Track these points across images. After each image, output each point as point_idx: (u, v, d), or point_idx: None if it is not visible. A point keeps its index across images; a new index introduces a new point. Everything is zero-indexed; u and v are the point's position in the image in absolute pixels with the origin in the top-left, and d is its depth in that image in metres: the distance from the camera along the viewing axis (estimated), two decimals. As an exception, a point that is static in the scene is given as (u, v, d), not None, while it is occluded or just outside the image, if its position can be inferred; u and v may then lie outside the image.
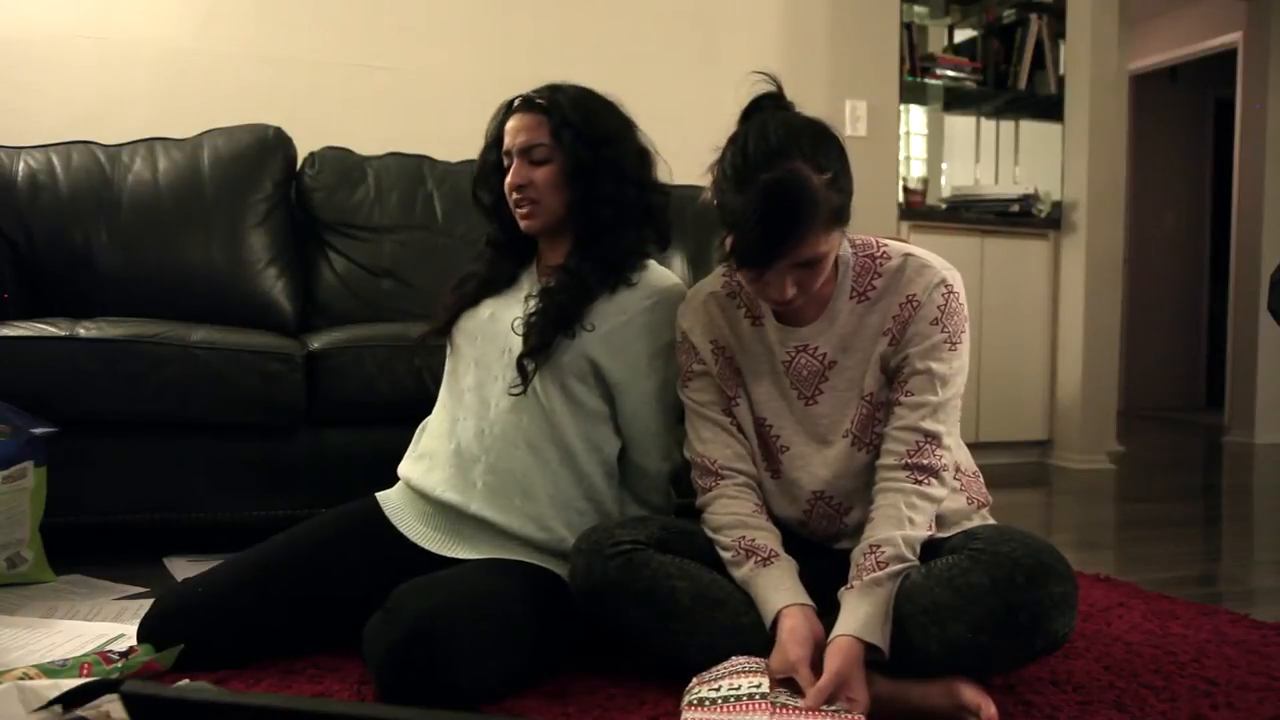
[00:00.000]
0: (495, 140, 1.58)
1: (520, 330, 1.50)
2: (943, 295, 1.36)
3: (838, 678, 1.18)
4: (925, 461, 1.32)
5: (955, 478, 1.41)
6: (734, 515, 1.41)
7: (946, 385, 1.35)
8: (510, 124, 1.54)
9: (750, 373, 1.45)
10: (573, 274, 1.52)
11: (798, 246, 1.26)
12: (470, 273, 1.65)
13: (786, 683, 1.21)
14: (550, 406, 1.50)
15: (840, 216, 1.31)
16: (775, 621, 1.28)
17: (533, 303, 1.52)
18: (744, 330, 1.46)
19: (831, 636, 1.24)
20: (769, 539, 1.38)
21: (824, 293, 1.40)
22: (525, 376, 1.47)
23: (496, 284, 1.61)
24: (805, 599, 1.30)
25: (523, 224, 1.54)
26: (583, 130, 1.51)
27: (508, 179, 1.53)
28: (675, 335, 1.51)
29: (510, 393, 1.49)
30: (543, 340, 1.48)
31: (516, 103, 1.56)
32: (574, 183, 1.51)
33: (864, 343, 1.39)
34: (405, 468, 1.61)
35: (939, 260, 1.40)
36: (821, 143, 1.30)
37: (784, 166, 1.25)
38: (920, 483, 1.32)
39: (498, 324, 1.55)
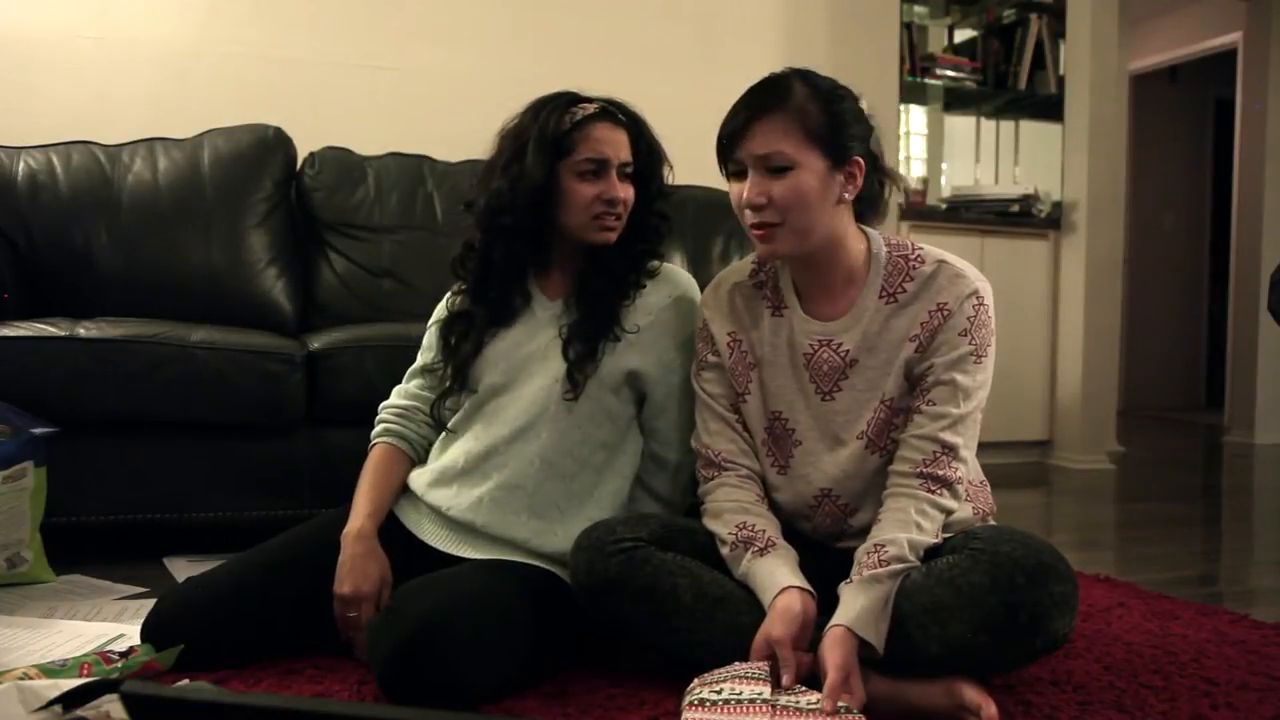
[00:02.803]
0: (559, 143, 1.48)
1: (565, 337, 1.50)
2: (973, 307, 1.36)
3: (843, 670, 1.18)
4: (940, 472, 1.32)
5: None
6: (735, 501, 1.41)
7: (969, 398, 1.35)
8: (602, 134, 1.49)
9: (769, 364, 1.45)
10: (609, 277, 1.53)
11: (756, 125, 1.32)
12: (457, 315, 1.59)
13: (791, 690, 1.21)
14: (575, 421, 1.49)
15: (822, 141, 1.32)
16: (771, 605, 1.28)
17: (572, 312, 1.53)
18: (765, 321, 1.46)
19: (827, 627, 1.24)
20: (768, 526, 1.38)
21: (851, 288, 1.40)
22: (577, 384, 1.48)
23: (505, 316, 1.57)
24: (802, 583, 1.30)
25: (600, 236, 1.51)
26: (656, 150, 1.56)
27: (607, 192, 1.49)
28: (698, 322, 1.52)
29: (564, 398, 1.48)
30: (590, 347, 1.49)
31: (594, 109, 1.50)
32: (641, 204, 1.55)
33: (889, 345, 1.38)
34: (414, 479, 1.58)
35: (973, 270, 1.40)
36: (829, 81, 1.37)
37: (775, 74, 1.37)
38: (933, 492, 1.32)
39: (521, 351, 1.54)
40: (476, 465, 1.50)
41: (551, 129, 1.49)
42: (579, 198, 1.49)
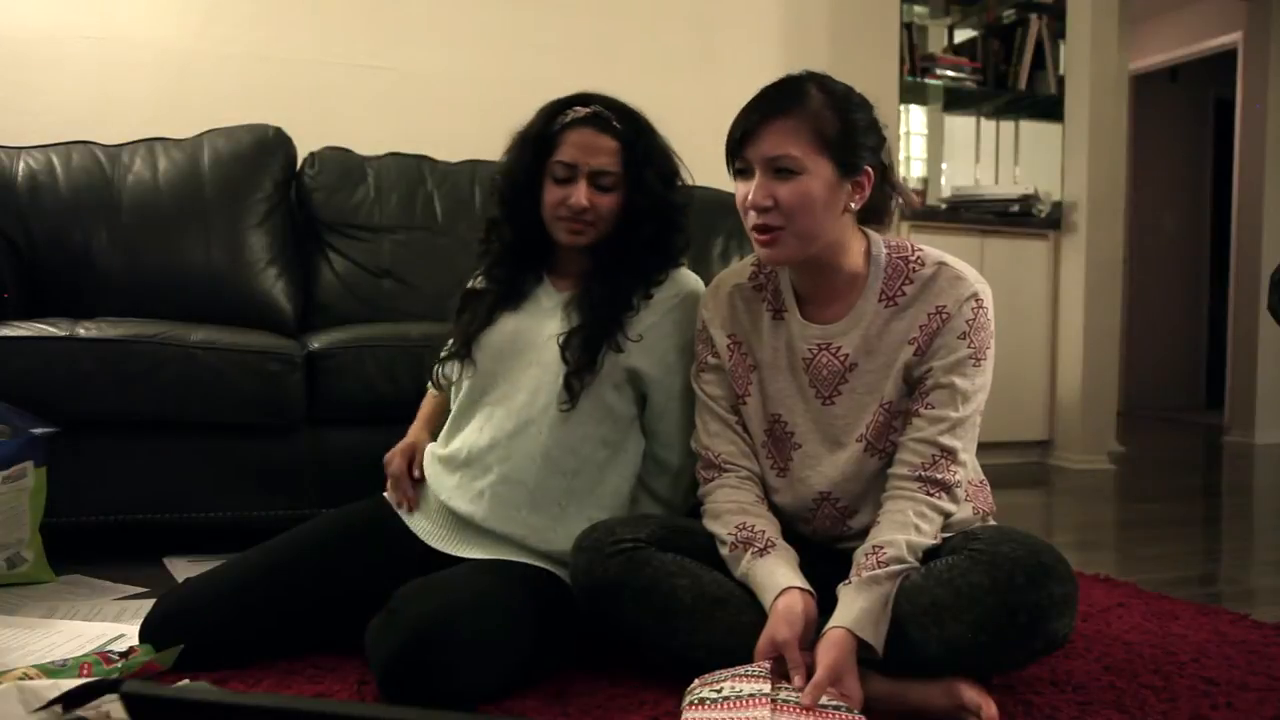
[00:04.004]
0: (544, 142, 1.51)
1: (562, 343, 1.49)
2: (972, 310, 1.36)
3: (832, 671, 1.18)
4: (939, 476, 1.32)
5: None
6: (735, 502, 1.41)
7: (968, 401, 1.35)
8: (580, 139, 1.49)
9: (769, 367, 1.45)
10: (613, 286, 1.51)
11: (768, 127, 1.31)
12: (473, 291, 1.63)
13: (783, 675, 1.21)
14: (577, 418, 1.49)
15: (832, 149, 1.31)
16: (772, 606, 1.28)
17: (574, 316, 1.51)
18: (765, 325, 1.46)
19: (825, 629, 1.24)
20: (768, 527, 1.38)
21: (852, 291, 1.40)
22: (574, 393, 1.47)
23: (512, 299, 1.58)
24: (802, 583, 1.30)
25: (567, 239, 1.52)
26: (662, 171, 1.53)
27: (571, 197, 1.48)
28: (697, 324, 1.52)
29: (560, 408, 1.48)
30: (590, 356, 1.48)
31: (583, 114, 1.50)
32: (632, 216, 1.51)
33: (887, 348, 1.38)
34: (426, 462, 1.60)
35: (972, 272, 1.39)
36: (843, 87, 1.36)
37: (791, 75, 1.36)
38: (932, 495, 1.32)
39: (522, 339, 1.54)
40: (479, 457, 1.50)
41: (537, 129, 1.52)
42: (549, 199, 1.51)
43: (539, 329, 1.54)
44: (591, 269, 1.55)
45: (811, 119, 1.31)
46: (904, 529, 1.29)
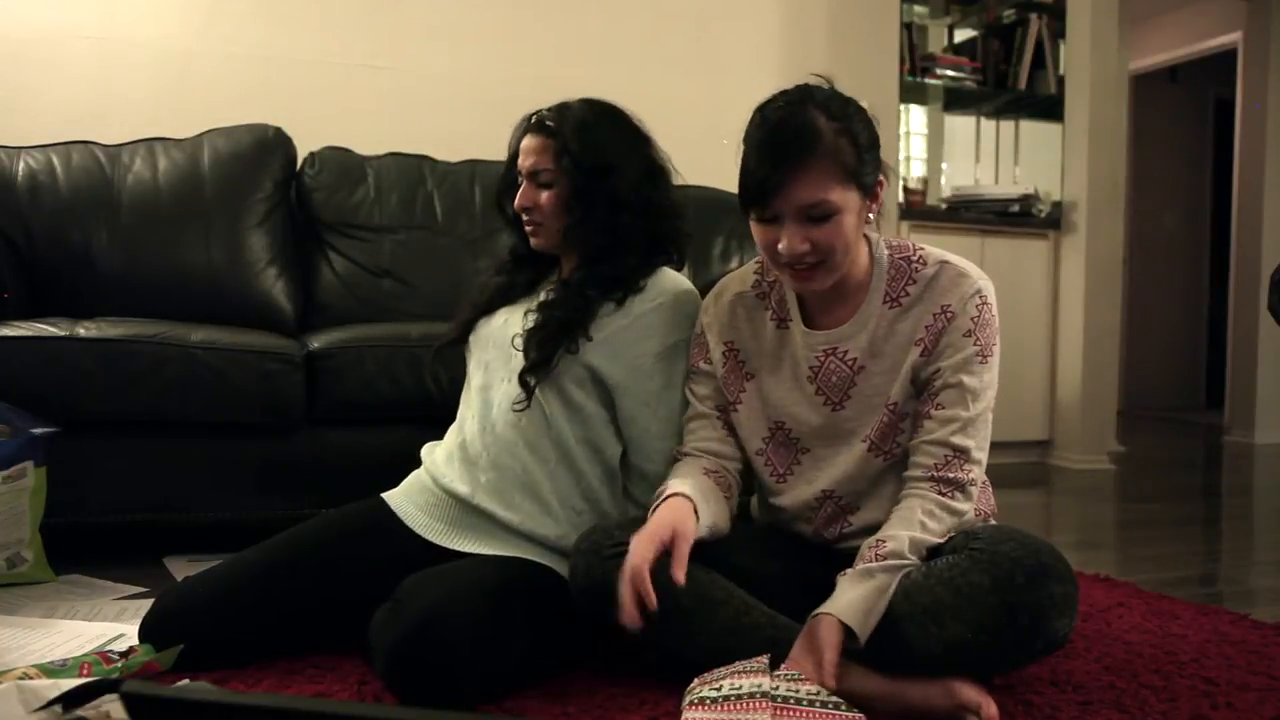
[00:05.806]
0: (513, 156, 1.60)
1: (519, 346, 1.51)
2: (976, 306, 1.35)
3: (835, 653, 1.19)
4: (952, 475, 1.32)
5: None
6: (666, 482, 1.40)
7: (978, 399, 1.35)
8: (524, 144, 1.56)
9: (771, 376, 1.45)
10: (573, 289, 1.53)
11: (796, 177, 1.26)
12: (488, 283, 1.68)
13: (789, 676, 1.21)
14: (549, 411, 1.50)
15: (856, 175, 1.29)
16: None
17: (531, 317, 1.53)
18: (767, 334, 1.46)
19: (812, 614, 1.24)
20: (679, 485, 1.35)
21: (856, 295, 1.40)
22: (528, 391, 1.48)
23: (513, 293, 1.64)
24: (682, 490, 1.31)
25: (531, 241, 1.58)
26: (580, 159, 1.51)
27: (516, 199, 1.56)
28: (695, 329, 1.52)
29: (514, 408, 1.49)
30: (543, 355, 1.48)
31: (533, 120, 1.57)
32: (571, 209, 1.52)
33: (894, 350, 1.38)
34: (425, 450, 1.64)
35: (975, 269, 1.39)
36: (840, 102, 1.32)
37: (794, 107, 1.30)
38: (945, 495, 1.32)
39: (508, 330, 1.57)
40: (474, 443, 1.53)
41: (511, 147, 1.59)
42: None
43: (522, 323, 1.56)
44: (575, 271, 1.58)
45: (832, 156, 1.27)
46: (909, 525, 1.29)
